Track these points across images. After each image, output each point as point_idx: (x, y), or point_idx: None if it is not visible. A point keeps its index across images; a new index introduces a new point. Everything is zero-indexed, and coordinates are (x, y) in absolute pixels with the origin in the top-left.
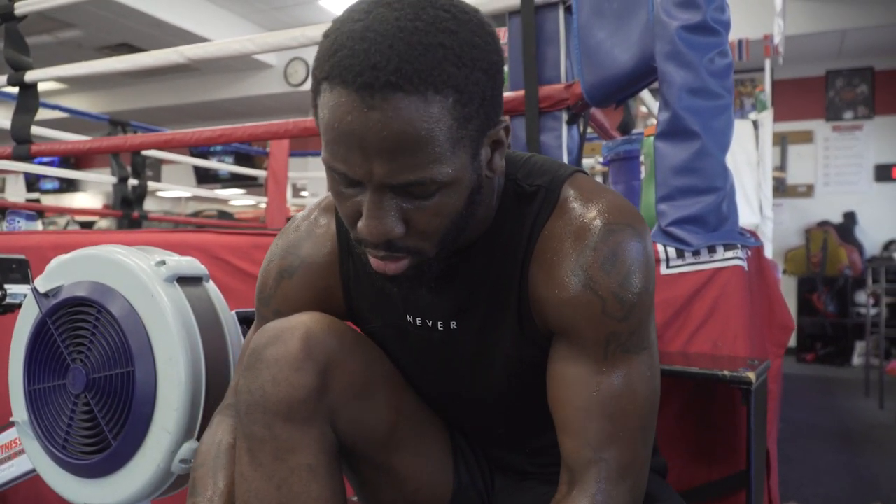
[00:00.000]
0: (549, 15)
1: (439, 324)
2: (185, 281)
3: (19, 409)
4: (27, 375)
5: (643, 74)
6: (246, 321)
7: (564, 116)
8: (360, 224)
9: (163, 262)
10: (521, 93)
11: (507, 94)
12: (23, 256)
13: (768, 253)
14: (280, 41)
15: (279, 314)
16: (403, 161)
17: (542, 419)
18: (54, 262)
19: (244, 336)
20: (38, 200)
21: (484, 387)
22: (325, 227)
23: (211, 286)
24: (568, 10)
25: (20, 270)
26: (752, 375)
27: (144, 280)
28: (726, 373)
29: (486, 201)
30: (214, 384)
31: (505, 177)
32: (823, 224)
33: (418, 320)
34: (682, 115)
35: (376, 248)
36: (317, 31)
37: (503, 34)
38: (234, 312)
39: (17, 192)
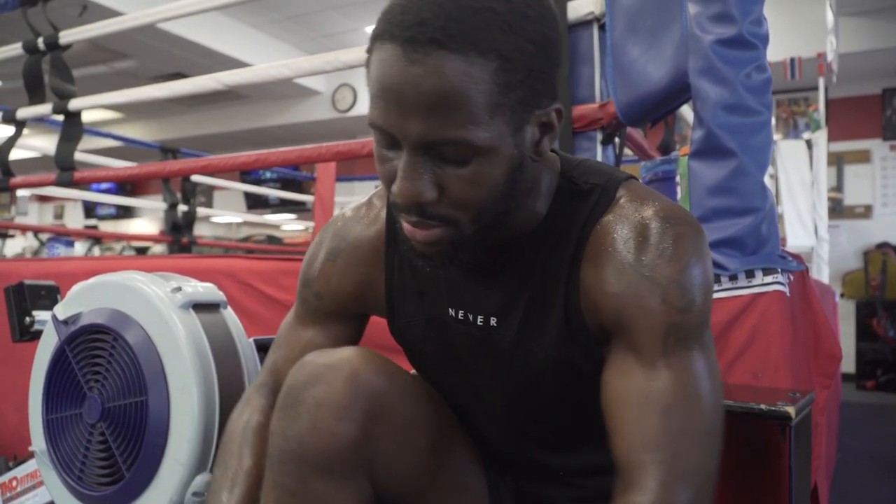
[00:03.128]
0: (582, 33)
1: (479, 318)
2: (201, 308)
3: (38, 438)
4: (45, 404)
5: (678, 92)
6: (263, 349)
7: (599, 136)
8: (394, 186)
9: (179, 289)
10: None
11: None
12: (53, 283)
13: (825, 276)
14: (316, 66)
15: (320, 297)
16: (439, 119)
17: (579, 433)
18: (74, 288)
19: (261, 364)
20: (95, 227)
21: (520, 392)
22: (375, 212)
23: (228, 313)
24: (602, 28)
25: (49, 297)
26: (791, 410)
27: (159, 307)
28: (763, 407)
29: (531, 188)
30: (228, 414)
31: (560, 175)
32: (882, 246)
33: (460, 313)
34: (717, 133)
35: (409, 212)
36: (351, 56)
37: None
38: (251, 340)
39: (75, 219)
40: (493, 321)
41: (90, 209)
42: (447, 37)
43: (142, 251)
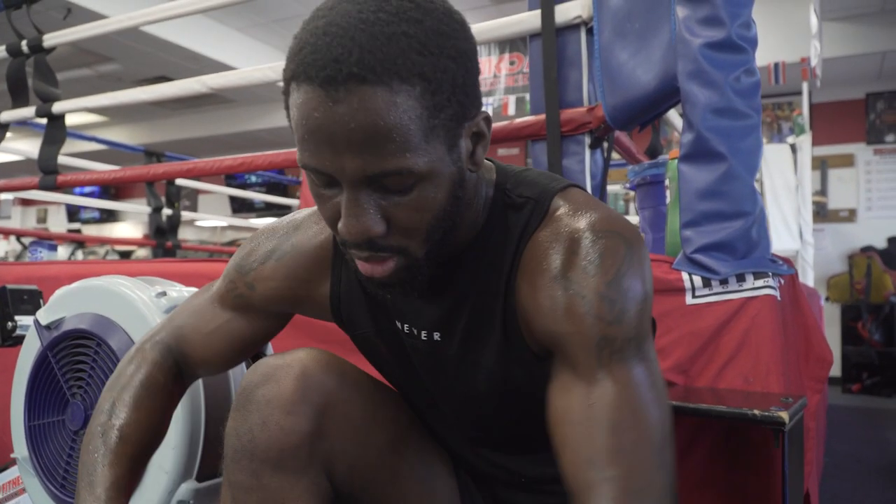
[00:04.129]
0: (570, 37)
1: (423, 333)
2: None
3: (20, 445)
4: (27, 410)
5: (666, 95)
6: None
7: (587, 140)
8: (340, 224)
9: (163, 293)
10: (543, 116)
11: (527, 119)
12: (35, 287)
13: (810, 280)
14: None
15: (252, 288)
16: (374, 153)
17: (533, 441)
18: (57, 293)
19: (246, 367)
20: (79, 230)
21: (467, 403)
22: (323, 223)
23: None
24: (589, 31)
25: (32, 301)
26: (784, 415)
27: (143, 312)
28: (757, 412)
29: (471, 201)
30: (214, 421)
31: (494, 187)
32: (867, 250)
33: (405, 327)
34: (706, 137)
35: (359, 248)
36: None
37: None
38: None
39: (58, 222)
40: (436, 335)
41: (74, 213)
42: (366, 70)
43: (125, 255)
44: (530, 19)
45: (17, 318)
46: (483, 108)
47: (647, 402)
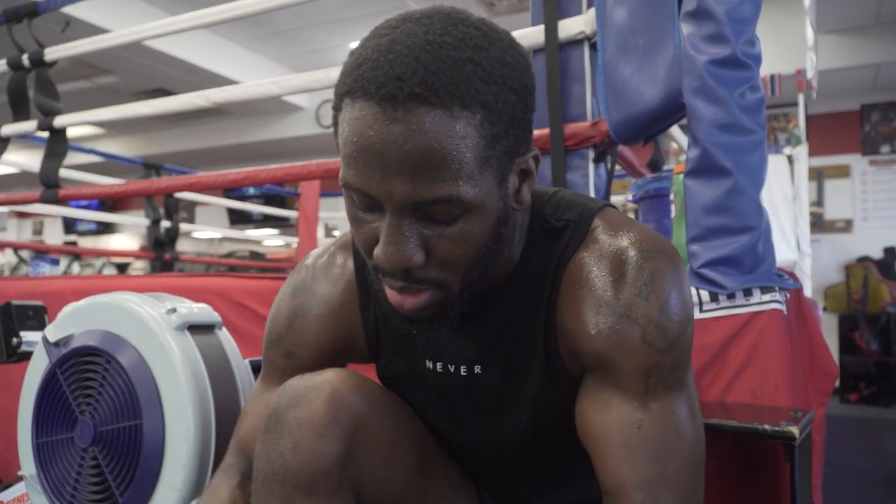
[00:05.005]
0: (573, 52)
1: (462, 368)
2: (196, 329)
3: (27, 462)
4: (35, 427)
5: (671, 111)
6: (259, 370)
7: (591, 154)
8: (377, 250)
9: (174, 310)
10: (546, 131)
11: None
12: (40, 303)
13: (807, 290)
14: (304, 83)
15: (291, 356)
16: (426, 178)
17: (565, 473)
18: (65, 309)
19: None
20: (75, 243)
21: (507, 437)
22: (341, 266)
23: (224, 334)
24: (593, 46)
25: (37, 317)
26: (795, 430)
27: (154, 329)
28: (767, 427)
29: (511, 237)
30: (225, 438)
31: (531, 213)
32: (863, 260)
33: (439, 366)
34: (712, 152)
35: (394, 277)
36: (339, 73)
37: None
38: (247, 361)
39: (55, 234)
40: (477, 369)
41: (70, 225)
42: (428, 91)
43: (122, 267)
44: (534, 34)
45: (21, 333)
46: (534, 148)
47: (688, 429)
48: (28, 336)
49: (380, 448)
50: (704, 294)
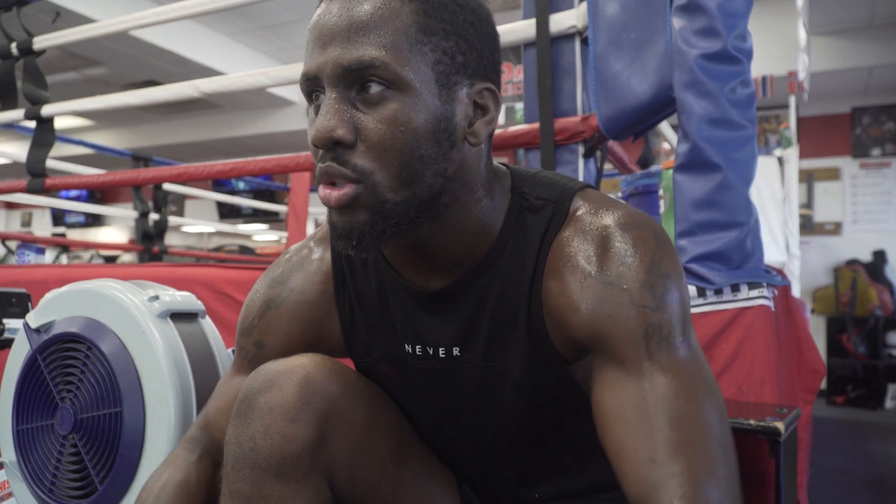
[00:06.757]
0: (564, 46)
1: (441, 350)
2: (179, 317)
3: (8, 449)
4: (16, 414)
5: (661, 105)
6: None
7: (581, 149)
8: (311, 129)
9: (156, 298)
10: (536, 125)
11: (521, 127)
12: (24, 290)
13: (796, 292)
14: (293, 74)
15: (261, 346)
16: (354, 41)
17: (551, 460)
18: (47, 296)
19: None
20: (63, 234)
21: (491, 421)
22: (318, 260)
23: (207, 322)
24: (584, 41)
25: (20, 304)
26: (780, 426)
27: (136, 316)
28: (752, 422)
29: (469, 180)
30: None
31: (511, 191)
32: (852, 263)
33: (417, 348)
34: (702, 147)
35: (324, 159)
36: None
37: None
38: (230, 350)
39: (43, 226)
40: (455, 351)
41: (59, 217)
42: None
43: (111, 260)
44: (525, 28)
45: (5, 321)
46: (491, 84)
47: (700, 388)
48: (11, 323)
49: (354, 434)
50: (692, 289)
